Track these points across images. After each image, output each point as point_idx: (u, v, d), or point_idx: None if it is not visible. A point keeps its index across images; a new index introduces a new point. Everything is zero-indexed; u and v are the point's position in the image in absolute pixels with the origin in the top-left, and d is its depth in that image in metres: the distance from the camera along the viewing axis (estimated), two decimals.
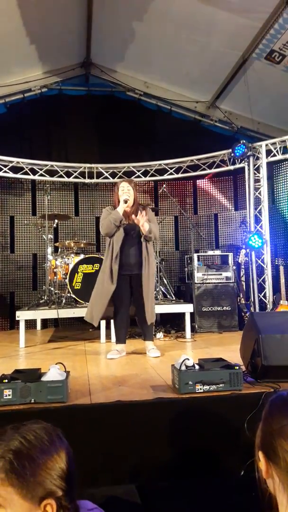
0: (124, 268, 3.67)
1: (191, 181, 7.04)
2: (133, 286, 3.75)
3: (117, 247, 3.64)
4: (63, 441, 0.96)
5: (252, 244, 5.56)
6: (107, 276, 3.64)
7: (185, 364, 2.45)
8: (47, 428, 0.97)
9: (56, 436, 0.95)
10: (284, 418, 0.91)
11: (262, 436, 0.95)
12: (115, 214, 3.64)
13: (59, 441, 0.94)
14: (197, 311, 5.30)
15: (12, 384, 2.24)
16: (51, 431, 0.96)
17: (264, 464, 0.92)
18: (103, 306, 3.64)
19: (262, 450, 0.94)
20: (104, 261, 3.74)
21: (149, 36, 5.69)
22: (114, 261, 3.62)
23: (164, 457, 2.16)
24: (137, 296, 3.74)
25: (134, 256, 3.70)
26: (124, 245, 3.67)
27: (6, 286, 6.31)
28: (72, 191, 6.84)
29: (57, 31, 5.67)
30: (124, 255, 3.67)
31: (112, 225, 3.63)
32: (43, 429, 0.95)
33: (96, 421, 2.19)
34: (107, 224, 3.65)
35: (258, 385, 2.50)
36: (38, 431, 0.94)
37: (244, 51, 5.53)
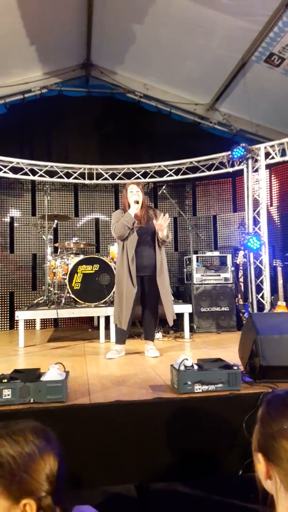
0: (138, 270, 3.68)
1: (190, 183, 7.06)
2: (145, 287, 3.76)
3: (132, 250, 3.64)
4: (51, 443, 0.95)
5: (250, 246, 5.58)
6: (126, 279, 3.63)
7: (184, 364, 2.47)
8: (36, 429, 0.96)
9: (44, 438, 0.94)
10: (285, 419, 0.90)
11: (260, 438, 0.95)
12: (127, 217, 3.64)
13: (47, 443, 0.93)
14: (195, 312, 5.32)
15: (11, 384, 2.25)
16: (40, 433, 0.95)
17: (265, 466, 0.92)
18: (129, 309, 3.63)
19: (261, 451, 0.93)
20: (120, 265, 3.73)
21: (149, 38, 5.71)
22: (131, 264, 3.62)
23: (162, 457, 2.18)
24: (148, 297, 3.76)
25: (147, 258, 3.72)
26: (138, 247, 3.68)
27: (5, 286, 6.32)
28: (71, 192, 6.86)
29: (57, 32, 5.70)
30: (138, 258, 3.68)
31: (125, 227, 3.62)
32: (32, 430, 0.94)
33: (95, 421, 2.20)
34: (120, 227, 3.64)
35: (256, 385, 2.52)
36: (27, 432, 0.93)
37: (244, 54, 5.56)
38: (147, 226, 3.73)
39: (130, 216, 3.65)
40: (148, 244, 3.74)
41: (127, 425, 2.20)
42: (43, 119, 6.64)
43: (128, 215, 3.66)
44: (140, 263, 3.69)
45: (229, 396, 2.35)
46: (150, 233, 3.74)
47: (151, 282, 3.72)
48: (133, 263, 3.64)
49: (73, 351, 4.15)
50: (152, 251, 3.74)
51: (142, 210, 3.75)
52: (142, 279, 3.75)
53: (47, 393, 2.27)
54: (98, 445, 2.13)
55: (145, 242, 3.72)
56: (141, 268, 3.69)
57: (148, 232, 3.73)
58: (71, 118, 6.74)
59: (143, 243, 3.71)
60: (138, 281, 3.70)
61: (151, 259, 3.72)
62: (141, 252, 3.70)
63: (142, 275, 3.73)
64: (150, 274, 3.72)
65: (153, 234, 3.75)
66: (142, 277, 3.74)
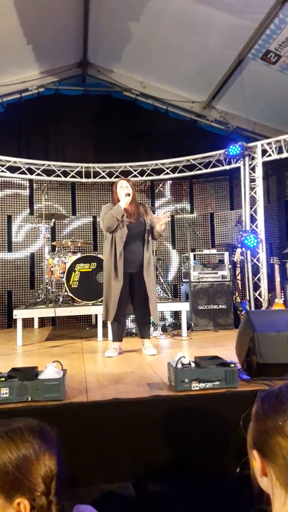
0: (126, 266, 3.67)
1: (187, 181, 7.06)
2: (135, 286, 3.76)
3: (120, 245, 3.64)
4: (49, 442, 0.94)
5: (247, 243, 5.60)
6: (112, 274, 3.64)
7: (181, 362, 2.47)
8: (34, 428, 0.96)
9: (42, 437, 0.94)
10: (279, 416, 0.91)
11: (255, 435, 0.95)
12: (117, 208, 3.65)
13: (44, 443, 0.93)
14: (193, 310, 5.33)
15: (9, 382, 2.26)
16: (38, 432, 0.95)
17: (260, 462, 0.92)
18: (115, 304, 3.64)
19: (256, 448, 0.93)
20: (108, 259, 3.71)
21: (145, 36, 5.70)
22: (119, 259, 3.63)
23: (160, 455, 2.19)
24: (137, 294, 3.76)
25: (135, 254, 3.71)
26: (127, 243, 3.68)
27: (3, 285, 6.32)
28: (69, 190, 6.86)
29: (54, 31, 5.68)
30: (127, 253, 3.68)
31: (114, 218, 3.61)
32: (30, 429, 0.94)
33: (93, 419, 2.21)
34: (108, 218, 3.63)
35: (253, 383, 2.53)
36: (24, 431, 0.93)
37: (240, 52, 5.56)
38: (137, 222, 3.73)
39: (120, 208, 3.65)
40: (138, 240, 3.74)
41: (125, 423, 2.21)
42: (40, 118, 6.64)
43: (117, 207, 3.66)
44: (129, 258, 3.68)
45: (226, 393, 2.36)
46: (140, 229, 3.74)
47: (139, 280, 3.71)
48: (121, 258, 3.63)
49: (71, 350, 4.16)
50: (141, 247, 3.74)
51: (133, 206, 3.75)
52: (131, 276, 3.74)
53: (45, 392, 2.27)
54: (95, 443, 2.14)
55: (135, 238, 3.72)
56: (128, 264, 3.68)
57: (138, 228, 3.73)
58: (68, 117, 6.74)
59: (133, 239, 3.71)
60: (126, 278, 3.70)
61: (139, 255, 3.73)
62: (130, 248, 3.69)
63: (130, 272, 3.72)
64: (137, 271, 3.72)
65: (143, 230, 3.75)
66: (131, 275, 3.73)
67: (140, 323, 3.89)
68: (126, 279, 3.71)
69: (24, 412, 2.14)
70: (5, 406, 2.20)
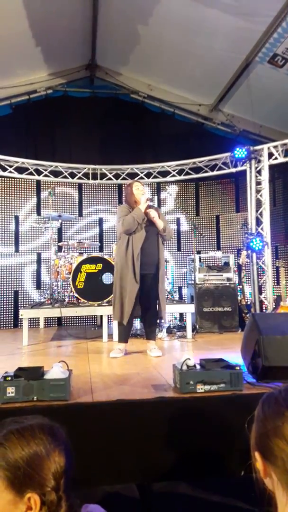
0: (142, 267, 3.68)
1: (193, 183, 7.07)
2: (146, 287, 3.74)
3: (138, 246, 3.66)
4: (58, 439, 0.96)
5: (253, 246, 5.59)
6: (130, 275, 3.64)
7: (186, 363, 2.48)
8: (44, 425, 0.97)
9: (51, 434, 0.95)
10: (278, 418, 0.91)
11: (257, 437, 0.96)
12: (138, 212, 3.68)
13: (54, 440, 0.95)
14: (198, 312, 5.33)
15: (15, 381, 2.28)
16: (48, 429, 0.97)
17: (262, 464, 0.93)
18: (131, 305, 3.64)
19: (258, 450, 0.94)
20: (124, 260, 3.70)
21: (153, 39, 5.73)
22: (136, 260, 3.64)
23: (164, 456, 2.19)
24: (148, 295, 3.76)
25: (151, 256, 3.74)
26: (144, 245, 3.70)
27: (10, 285, 6.36)
28: (76, 191, 6.89)
29: (62, 34, 5.72)
30: (143, 255, 3.69)
31: (135, 222, 3.65)
32: (40, 426, 0.96)
33: (98, 420, 2.22)
34: (130, 221, 3.65)
35: (258, 386, 2.53)
36: (35, 428, 0.95)
37: (247, 55, 5.57)
38: (152, 225, 3.77)
39: (141, 212, 3.68)
40: (153, 242, 3.77)
41: (129, 424, 2.21)
42: (48, 119, 6.67)
43: (138, 210, 3.69)
44: (145, 260, 3.70)
45: (231, 396, 2.36)
46: (154, 231, 3.78)
47: (152, 282, 3.73)
48: (138, 259, 3.65)
49: (76, 350, 4.18)
50: (155, 249, 3.78)
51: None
52: (144, 277, 3.73)
53: (50, 391, 2.29)
54: (100, 444, 2.15)
55: (150, 240, 3.75)
56: (144, 265, 3.69)
57: (152, 230, 3.77)
58: (75, 119, 6.77)
59: (148, 241, 3.73)
60: (139, 279, 3.71)
61: (154, 256, 3.76)
62: (146, 250, 3.71)
63: (145, 274, 3.72)
64: (152, 273, 3.74)
65: (157, 232, 3.80)
66: (144, 276, 3.73)
67: (148, 325, 3.90)
68: (139, 280, 3.72)
69: (29, 411, 2.15)
70: (11, 406, 2.22)
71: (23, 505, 0.88)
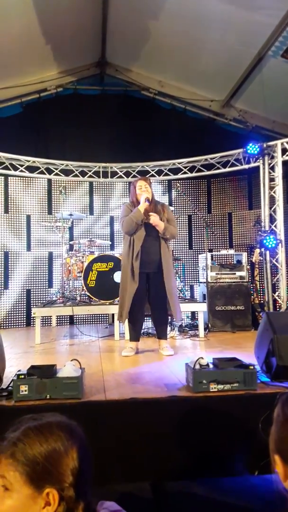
0: (143, 266, 3.66)
1: (205, 180, 7.02)
2: (151, 284, 3.74)
3: (138, 245, 3.64)
4: (76, 436, 0.97)
5: (266, 244, 5.53)
6: (129, 275, 3.64)
7: (199, 362, 2.45)
8: (62, 422, 0.99)
9: (69, 431, 0.97)
10: None
11: (277, 440, 0.93)
12: (137, 213, 3.64)
13: (71, 437, 0.96)
14: (210, 310, 5.29)
15: (28, 380, 2.28)
16: (65, 426, 0.98)
17: (282, 468, 0.90)
18: (129, 305, 3.64)
19: (278, 453, 0.91)
20: (125, 260, 3.73)
21: (164, 34, 5.68)
22: (135, 259, 3.62)
23: (177, 456, 2.17)
24: (154, 294, 3.74)
25: (153, 254, 3.70)
26: (145, 243, 3.67)
27: (22, 284, 6.40)
28: (87, 190, 6.89)
29: (72, 31, 5.72)
30: (144, 253, 3.67)
31: (134, 224, 3.63)
32: (58, 423, 0.98)
33: (111, 418, 2.21)
34: (128, 223, 3.65)
35: (272, 385, 2.50)
36: (53, 425, 0.97)
37: (260, 49, 5.49)
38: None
39: (140, 213, 3.64)
40: (155, 240, 3.72)
41: (142, 422, 2.20)
42: (58, 117, 6.67)
43: (137, 212, 3.64)
44: (146, 258, 3.67)
45: (245, 395, 2.33)
46: (156, 229, 3.71)
47: (157, 279, 3.69)
48: (137, 259, 3.62)
49: (88, 348, 4.18)
50: (157, 247, 3.72)
51: (151, 206, 3.74)
52: (148, 276, 3.72)
53: (63, 389, 2.28)
54: (113, 442, 2.14)
55: (152, 238, 3.70)
56: (146, 263, 3.67)
57: (154, 229, 3.71)
58: (86, 116, 6.77)
59: (150, 239, 3.70)
60: (143, 278, 3.69)
61: (156, 255, 3.70)
62: (148, 248, 3.68)
63: (147, 272, 3.71)
64: (155, 271, 3.70)
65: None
66: (147, 274, 3.72)
67: (157, 324, 3.88)
68: (143, 279, 3.70)
69: (42, 410, 2.15)
70: (24, 403, 2.22)
71: (42, 500, 0.89)
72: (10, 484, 0.90)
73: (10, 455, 0.91)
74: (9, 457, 0.91)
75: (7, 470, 0.91)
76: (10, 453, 0.92)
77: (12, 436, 0.94)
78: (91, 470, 1.00)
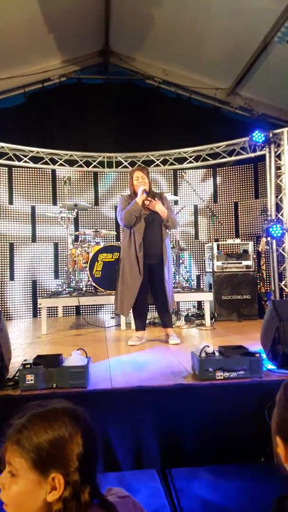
0: (146, 257, 3.66)
1: (210, 169, 6.96)
2: (154, 276, 3.73)
3: (139, 237, 3.62)
4: (81, 421, 0.98)
5: (272, 233, 5.49)
6: (134, 267, 3.62)
7: (205, 351, 2.46)
8: (67, 409, 0.99)
9: (75, 418, 0.97)
10: None
11: (278, 422, 0.95)
12: (134, 206, 3.62)
13: (77, 423, 0.96)
14: (216, 300, 5.28)
15: (34, 369, 2.30)
16: (71, 412, 0.98)
17: (283, 449, 0.92)
18: (132, 298, 3.64)
19: (280, 435, 0.93)
20: (127, 252, 3.70)
21: (168, 22, 5.60)
22: (139, 251, 3.61)
23: (184, 443, 2.19)
24: (156, 284, 3.74)
25: (154, 246, 3.68)
26: (145, 235, 3.65)
27: (28, 275, 6.42)
28: (91, 180, 6.87)
29: (75, 20, 5.65)
30: (146, 245, 3.65)
31: (132, 216, 3.61)
32: (63, 409, 0.98)
33: (117, 406, 2.22)
34: (127, 216, 3.63)
35: (279, 373, 2.50)
36: (59, 411, 0.97)
37: (266, 35, 5.39)
38: (154, 213, 3.69)
39: (138, 205, 3.62)
40: (155, 231, 3.70)
41: (149, 410, 2.21)
42: (62, 107, 6.62)
43: (135, 205, 3.62)
44: (148, 250, 3.65)
45: (251, 383, 2.34)
46: (157, 219, 3.70)
47: (158, 270, 3.68)
48: (141, 250, 3.61)
49: (94, 338, 4.20)
50: (158, 237, 3.70)
51: (148, 196, 3.71)
52: (150, 267, 3.72)
53: (70, 379, 2.30)
54: (119, 430, 2.15)
55: (152, 229, 3.68)
56: (148, 255, 3.66)
57: (155, 219, 3.69)
58: (90, 106, 6.71)
59: (150, 230, 3.68)
60: (146, 269, 3.68)
61: (158, 246, 3.69)
62: (149, 240, 3.66)
63: (149, 263, 3.70)
64: (156, 262, 3.69)
65: (160, 220, 3.71)
66: (149, 266, 3.71)
67: (161, 313, 3.88)
68: (146, 270, 3.70)
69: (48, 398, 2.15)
70: (31, 393, 2.24)
71: (47, 485, 0.90)
72: (16, 470, 0.91)
73: (16, 442, 0.92)
74: (14, 444, 0.92)
75: (13, 456, 0.92)
76: (15, 440, 0.93)
77: (18, 422, 0.95)
78: (97, 454, 1.01)
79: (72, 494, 0.90)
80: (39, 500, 0.90)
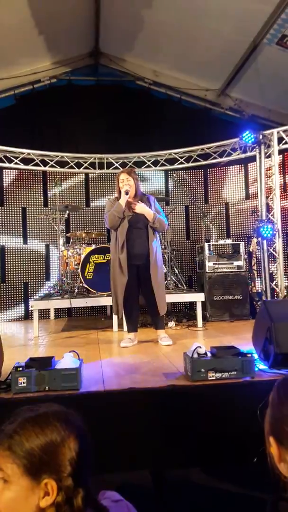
0: (131, 258, 3.66)
1: (201, 170, 6.99)
2: (141, 276, 3.74)
3: (122, 238, 3.63)
4: (73, 425, 0.97)
5: (263, 233, 5.52)
6: (117, 268, 3.64)
7: (197, 351, 2.46)
8: (59, 413, 0.99)
9: (66, 422, 0.96)
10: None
11: (271, 422, 0.94)
12: (118, 207, 3.63)
13: (69, 427, 0.96)
14: (208, 300, 5.29)
15: (26, 372, 2.28)
16: (62, 416, 0.98)
17: (276, 449, 0.92)
18: (121, 298, 3.65)
19: (273, 435, 0.93)
20: (113, 253, 3.73)
21: (158, 23, 5.62)
22: (120, 252, 3.62)
23: (176, 444, 2.19)
24: (145, 286, 3.74)
25: (139, 247, 3.67)
26: (130, 236, 3.65)
27: (20, 277, 6.39)
28: (82, 181, 6.85)
29: (65, 21, 5.64)
30: (130, 246, 3.65)
31: (116, 218, 3.62)
32: (55, 413, 0.98)
33: (110, 408, 2.22)
34: (111, 218, 3.64)
35: (270, 373, 2.51)
36: (50, 415, 0.97)
37: (255, 37, 5.44)
38: (140, 214, 3.67)
39: (120, 207, 3.62)
40: (141, 232, 3.69)
41: (141, 412, 2.21)
42: (52, 109, 6.60)
43: (118, 206, 3.63)
44: (132, 251, 3.65)
45: (243, 383, 2.35)
46: (142, 221, 3.68)
47: (146, 271, 3.68)
48: (123, 251, 3.61)
49: (86, 340, 4.18)
50: (144, 239, 3.69)
51: (135, 198, 3.71)
52: (138, 268, 3.71)
53: (62, 381, 2.29)
54: (112, 432, 2.15)
55: (138, 230, 3.68)
56: (133, 256, 3.66)
57: (140, 220, 3.68)
58: (80, 107, 6.70)
59: (136, 231, 3.67)
60: (133, 270, 3.68)
61: (143, 247, 3.67)
62: (133, 241, 3.66)
63: (135, 264, 3.69)
64: (143, 263, 3.68)
65: (146, 221, 3.69)
66: (136, 267, 3.70)
67: (152, 315, 3.88)
68: (133, 271, 3.69)
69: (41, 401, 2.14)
70: (23, 396, 2.22)
71: (40, 491, 0.89)
72: (8, 476, 0.90)
73: (7, 447, 0.92)
74: (6, 450, 0.92)
75: (4, 462, 0.91)
76: (7, 446, 0.92)
77: (9, 428, 0.95)
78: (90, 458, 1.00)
79: (65, 499, 0.89)
80: (32, 506, 0.89)
